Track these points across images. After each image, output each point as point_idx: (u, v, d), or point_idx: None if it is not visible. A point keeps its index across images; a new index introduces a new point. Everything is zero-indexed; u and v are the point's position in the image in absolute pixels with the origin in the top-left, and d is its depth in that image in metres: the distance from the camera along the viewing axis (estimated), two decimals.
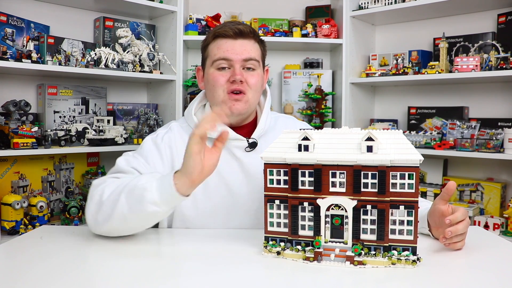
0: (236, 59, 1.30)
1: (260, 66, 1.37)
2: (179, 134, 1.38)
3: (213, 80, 1.32)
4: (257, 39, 1.36)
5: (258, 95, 1.39)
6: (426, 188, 2.55)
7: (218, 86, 1.31)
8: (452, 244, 1.05)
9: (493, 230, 2.25)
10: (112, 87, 2.65)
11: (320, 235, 0.96)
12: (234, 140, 1.34)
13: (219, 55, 1.31)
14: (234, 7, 2.83)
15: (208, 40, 1.37)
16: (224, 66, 1.31)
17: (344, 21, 2.67)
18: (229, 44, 1.31)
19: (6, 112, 2.04)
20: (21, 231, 2.03)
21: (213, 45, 1.34)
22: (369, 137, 0.93)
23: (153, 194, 1.02)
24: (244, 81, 1.31)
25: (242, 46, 1.31)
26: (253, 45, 1.34)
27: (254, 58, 1.32)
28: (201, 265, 0.99)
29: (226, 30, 1.31)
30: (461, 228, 1.03)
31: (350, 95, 2.72)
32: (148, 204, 1.03)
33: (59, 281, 0.89)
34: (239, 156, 1.34)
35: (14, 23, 2.17)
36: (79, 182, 2.46)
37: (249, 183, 1.33)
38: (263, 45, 1.41)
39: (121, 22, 2.58)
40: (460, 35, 2.54)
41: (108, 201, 1.10)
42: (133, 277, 0.92)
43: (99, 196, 1.13)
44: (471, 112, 2.58)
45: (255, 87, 1.34)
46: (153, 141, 1.36)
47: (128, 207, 1.06)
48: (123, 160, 1.30)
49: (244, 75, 1.31)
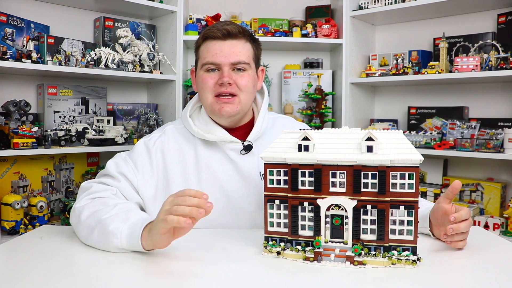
0: (224, 62, 1.28)
1: (252, 66, 1.34)
2: (173, 138, 1.37)
3: (202, 83, 1.32)
4: (248, 38, 1.34)
5: (251, 96, 1.36)
6: (426, 188, 2.55)
7: (206, 89, 1.31)
8: (454, 243, 1.05)
9: (493, 230, 2.25)
10: (112, 87, 2.65)
11: (320, 235, 0.96)
12: (229, 143, 1.33)
13: (208, 59, 1.30)
14: (234, 7, 2.83)
15: (199, 42, 1.36)
16: (213, 68, 1.31)
17: (344, 21, 2.67)
18: (217, 46, 1.29)
19: (6, 112, 2.04)
20: (21, 231, 2.02)
21: (203, 47, 1.33)
22: (369, 137, 0.93)
23: (122, 242, 1.05)
24: (233, 83, 1.29)
25: (231, 47, 1.29)
26: (243, 45, 1.32)
27: (243, 61, 1.30)
28: (201, 265, 0.99)
29: (214, 32, 1.29)
30: (463, 227, 1.03)
31: (350, 95, 2.72)
32: (116, 248, 1.06)
33: (59, 281, 0.89)
34: (234, 159, 1.33)
35: (14, 23, 2.17)
36: (79, 182, 2.46)
37: (244, 186, 1.32)
38: (256, 43, 1.38)
39: (121, 22, 2.58)
40: (460, 35, 2.54)
41: (85, 224, 1.13)
42: (133, 277, 0.92)
43: (79, 212, 1.17)
44: (471, 112, 2.58)
45: (246, 88, 1.31)
46: (145, 145, 1.36)
47: (98, 242, 1.08)
48: (113, 164, 1.32)
49: (233, 76, 1.29)
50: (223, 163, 1.33)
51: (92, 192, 1.23)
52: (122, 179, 1.28)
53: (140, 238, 1.02)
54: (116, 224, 1.07)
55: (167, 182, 1.31)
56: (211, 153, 1.33)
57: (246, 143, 1.34)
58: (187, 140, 1.37)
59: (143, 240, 1.02)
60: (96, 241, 1.09)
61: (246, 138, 1.35)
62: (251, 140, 1.34)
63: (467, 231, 1.06)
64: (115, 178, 1.28)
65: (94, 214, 1.13)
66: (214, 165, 1.33)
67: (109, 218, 1.09)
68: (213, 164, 1.33)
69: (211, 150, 1.34)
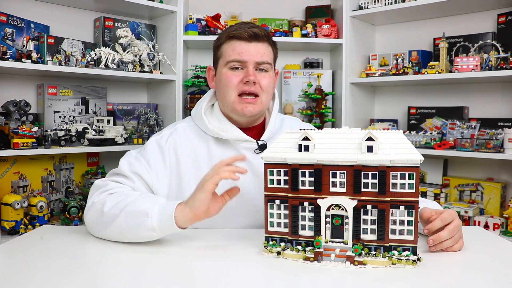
0: (250, 60, 1.31)
1: (272, 68, 1.39)
2: (184, 135, 1.38)
3: (226, 80, 1.33)
4: (270, 42, 1.37)
5: (270, 97, 1.40)
6: (426, 188, 2.55)
7: (231, 87, 1.32)
8: (449, 248, 1.04)
9: (493, 230, 2.25)
10: (112, 87, 2.65)
11: (320, 235, 0.96)
12: (243, 142, 1.35)
13: (234, 57, 1.31)
14: (234, 7, 2.83)
15: (221, 40, 1.36)
16: (238, 66, 1.32)
17: (344, 21, 2.67)
18: (243, 46, 1.31)
19: (6, 112, 2.04)
20: (21, 231, 2.02)
21: (227, 45, 1.34)
22: (369, 137, 0.93)
23: (153, 221, 1.06)
24: (257, 83, 1.31)
25: (256, 49, 1.32)
26: (266, 48, 1.35)
27: (267, 61, 1.34)
28: (201, 265, 0.99)
29: (241, 33, 1.31)
30: (444, 235, 1.02)
31: (350, 95, 2.72)
32: (146, 229, 1.07)
33: (59, 281, 0.89)
34: (249, 158, 1.33)
35: (14, 23, 2.17)
36: (79, 182, 2.46)
37: (258, 185, 1.32)
38: (275, 47, 1.42)
39: (121, 22, 2.58)
40: (460, 35, 2.54)
41: (108, 213, 1.13)
42: (134, 277, 0.92)
43: (100, 205, 1.17)
44: (471, 112, 2.58)
45: (268, 89, 1.35)
46: (157, 143, 1.36)
47: (126, 226, 1.09)
48: (126, 163, 1.31)
49: (257, 76, 1.32)
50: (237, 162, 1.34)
51: (109, 189, 1.23)
52: (136, 179, 1.28)
53: (174, 211, 1.05)
54: (147, 205, 1.08)
55: (179, 179, 1.32)
56: (224, 151, 1.34)
57: (261, 142, 1.36)
58: (199, 137, 1.37)
59: (178, 212, 1.05)
60: (124, 226, 1.09)
61: (258, 137, 1.37)
62: (265, 140, 1.36)
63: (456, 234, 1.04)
64: (129, 178, 1.28)
65: (118, 204, 1.14)
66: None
67: (137, 200, 1.11)
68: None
69: (224, 148, 1.35)
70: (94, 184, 1.28)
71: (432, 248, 1.03)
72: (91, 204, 1.20)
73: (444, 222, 1.03)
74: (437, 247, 1.03)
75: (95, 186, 1.27)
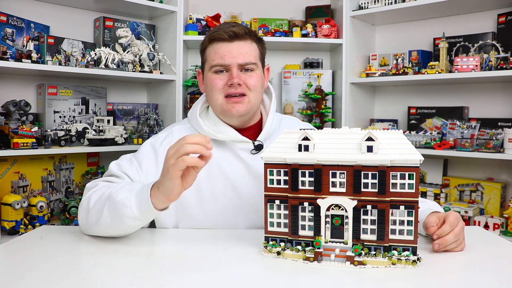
0: (233, 63, 1.30)
1: (259, 66, 1.37)
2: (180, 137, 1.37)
3: (211, 84, 1.33)
4: (254, 38, 1.35)
5: (260, 95, 1.38)
6: (426, 188, 2.55)
7: (216, 90, 1.32)
8: (452, 249, 1.05)
9: (493, 230, 2.25)
10: (112, 87, 2.65)
11: (320, 235, 0.96)
12: (239, 143, 1.34)
13: (217, 61, 1.31)
14: (234, 7, 2.83)
15: (205, 44, 1.36)
16: (222, 70, 1.32)
17: (344, 21, 2.67)
18: (225, 48, 1.30)
19: (6, 112, 2.04)
20: (21, 231, 2.02)
21: (209, 49, 1.34)
22: (369, 137, 0.93)
23: (133, 210, 1.06)
24: (242, 83, 1.30)
25: (239, 48, 1.31)
26: (250, 45, 1.33)
27: (251, 61, 1.32)
28: (201, 265, 0.99)
29: (221, 34, 1.30)
30: (450, 239, 1.03)
31: (350, 95, 2.72)
32: (129, 219, 1.07)
33: (59, 281, 0.89)
34: (245, 158, 1.34)
35: (14, 23, 2.17)
36: (79, 182, 2.46)
37: (256, 185, 1.32)
38: (262, 43, 1.40)
39: (121, 22, 2.58)
40: (460, 35, 2.54)
41: (93, 209, 1.14)
42: (133, 277, 0.92)
43: (86, 203, 1.18)
44: (471, 112, 2.58)
45: (255, 87, 1.33)
46: (152, 145, 1.36)
47: (111, 219, 1.09)
48: (115, 165, 1.32)
49: (242, 77, 1.31)
50: (234, 163, 1.34)
51: (98, 189, 1.24)
52: (125, 177, 1.28)
53: (150, 197, 1.03)
54: (123, 194, 1.08)
55: None
56: (221, 152, 1.34)
57: (257, 142, 1.35)
58: None
59: (154, 198, 1.03)
60: (109, 220, 1.09)
61: (255, 138, 1.36)
62: (261, 140, 1.36)
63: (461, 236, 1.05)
64: (119, 177, 1.28)
65: (100, 198, 1.14)
66: (224, 164, 1.33)
67: (114, 192, 1.11)
68: (223, 164, 1.33)
69: (221, 150, 1.34)
70: (86, 186, 1.29)
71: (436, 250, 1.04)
72: (80, 205, 1.22)
73: (452, 226, 1.04)
74: (445, 248, 1.04)
75: (86, 188, 1.28)
